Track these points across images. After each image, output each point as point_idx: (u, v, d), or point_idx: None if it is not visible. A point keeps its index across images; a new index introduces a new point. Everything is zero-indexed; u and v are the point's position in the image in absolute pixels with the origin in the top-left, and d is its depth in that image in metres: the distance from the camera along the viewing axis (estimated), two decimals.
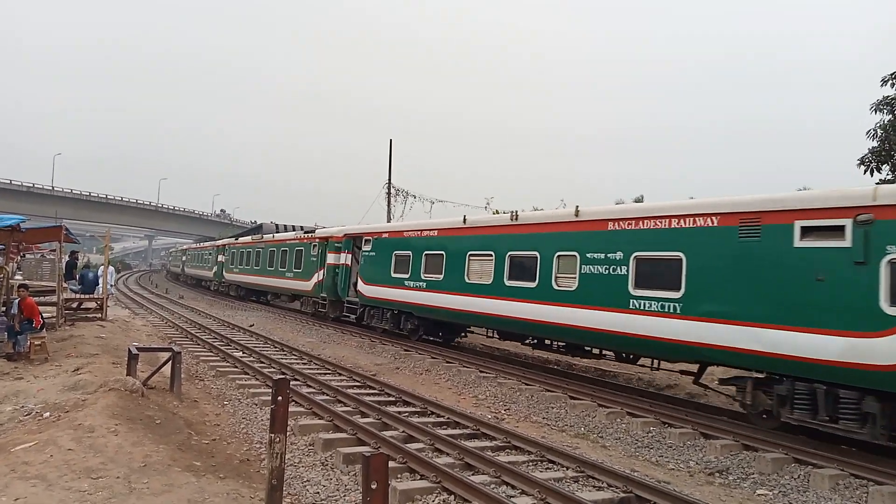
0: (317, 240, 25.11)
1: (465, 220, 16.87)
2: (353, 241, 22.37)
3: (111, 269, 20.87)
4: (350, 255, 22.34)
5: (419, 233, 18.54)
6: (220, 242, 44.07)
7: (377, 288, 20.00)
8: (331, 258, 23.42)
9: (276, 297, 32.91)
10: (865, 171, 15.69)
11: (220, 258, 40.90)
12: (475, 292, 15.50)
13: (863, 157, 15.75)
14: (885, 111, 15.68)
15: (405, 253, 18.74)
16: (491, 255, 15.21)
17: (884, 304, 8.20)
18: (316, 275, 24.76)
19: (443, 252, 17.11)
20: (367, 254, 21.04)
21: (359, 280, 20.77)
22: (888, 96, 15.75)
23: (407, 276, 18.42)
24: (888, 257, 8.25)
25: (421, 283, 17.78)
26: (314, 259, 25.00)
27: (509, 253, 14.66)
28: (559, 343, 14.48)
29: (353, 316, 21.69)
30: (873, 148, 15.65)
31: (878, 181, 15.48)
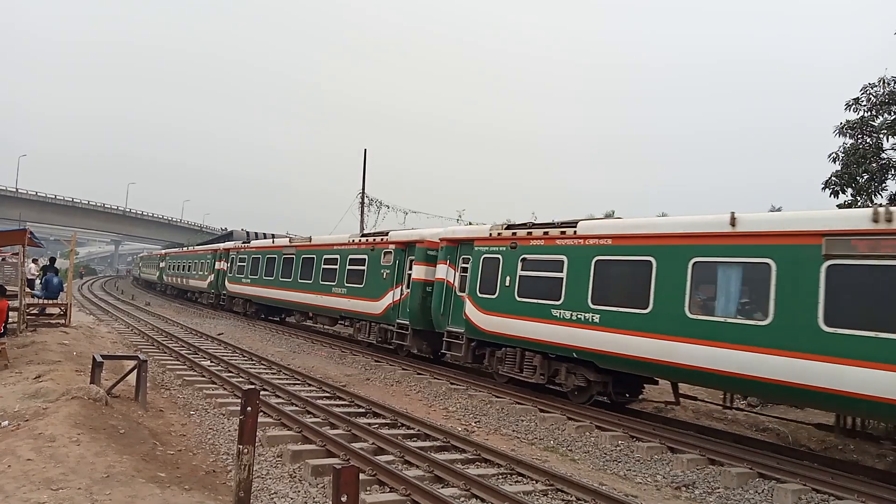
0: (209, 251, 35.22)
1: (273, 241, 28.16)
2: (227, 253, 32.12)
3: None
4: (227, 263, 32.08)
5: (254, 248, 28.32)
6: (162, 252, 55.71)
7: (232, 284, 30.65)
8: (218, 265, 33.46)
9: (193, 293, 41.16)
10: (830, 194, 16.08)
11: (161, 264, 50.88)
12: (284, 287, 24.84)
13: (827, 181, 16.14)
14: (848, 135, 16.10)
15: (246, 262, 28.90)
16: (290, 263, 24.56)
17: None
18: (210, 276, 34.78)
19: (262, 261, 27.14)
20: (229, 262, 32.32)
21: (225, 280, 31.07)
22: (850, 120, 16.19)
23: (246, 276, 28.62)
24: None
25: (251, 281, 27.91)
26: (210, 265, 34.84)
27: (302, 260, 23.68)
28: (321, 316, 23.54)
29: (224, 304, 31.93)
30: (837, 171, 16.05)
31: (837, 205, 15.87)
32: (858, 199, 15.78)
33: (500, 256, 13.84)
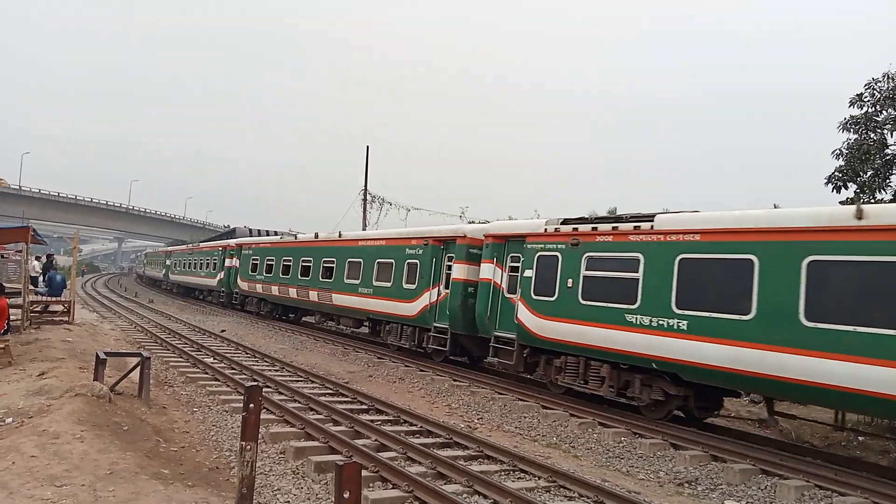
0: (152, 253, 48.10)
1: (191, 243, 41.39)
2: (146, 257, 48.42)
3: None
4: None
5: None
6: (160, 251, 65.92)
7: (150, 271, 50.14)
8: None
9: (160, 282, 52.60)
10: (833, 190, 16.05)
11: (168, 262, 61.94)
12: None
13: (830, 176, 16.11)
14: (851, 131, 16.06)
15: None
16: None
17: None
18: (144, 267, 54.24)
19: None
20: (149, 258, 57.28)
21: (145, 269, 47.75)
22: (854, 116, 16.14)
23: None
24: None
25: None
26: (136, 261, 50.64)
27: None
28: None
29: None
30: (840, 167, 16.03)
31: (840, 201, 15.83)
32: (862, 194, 15.74)
33: None
